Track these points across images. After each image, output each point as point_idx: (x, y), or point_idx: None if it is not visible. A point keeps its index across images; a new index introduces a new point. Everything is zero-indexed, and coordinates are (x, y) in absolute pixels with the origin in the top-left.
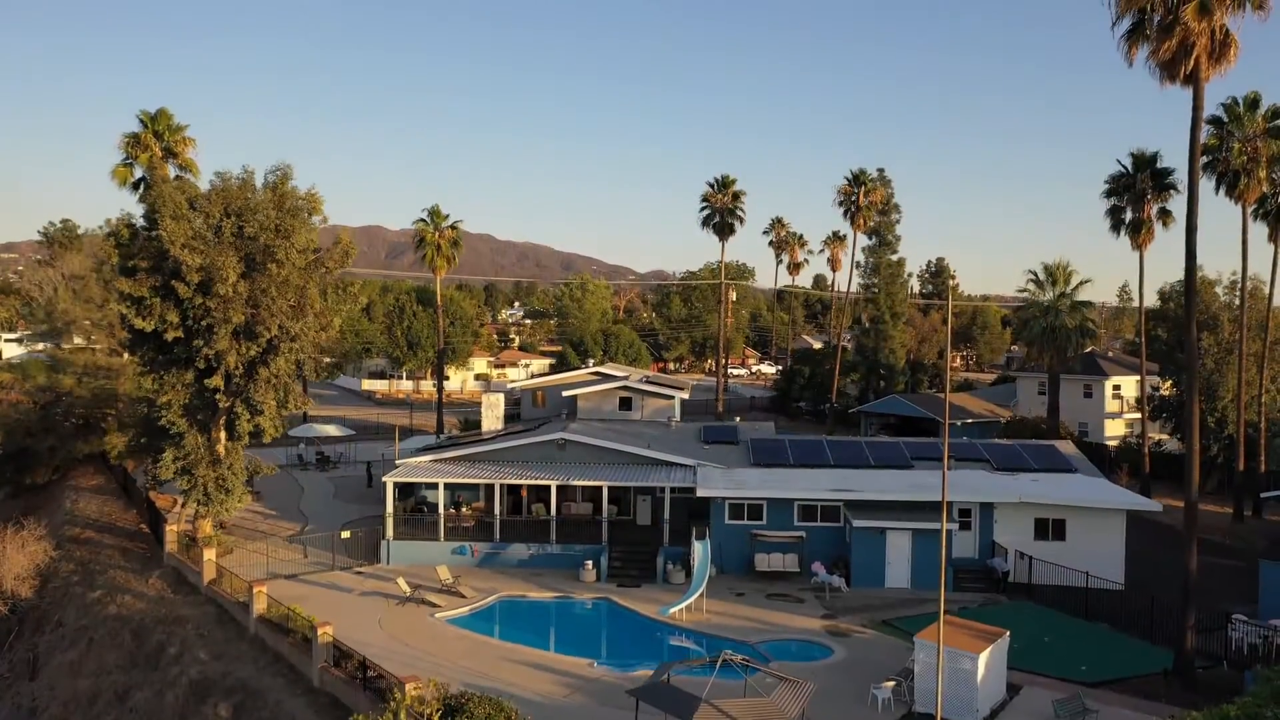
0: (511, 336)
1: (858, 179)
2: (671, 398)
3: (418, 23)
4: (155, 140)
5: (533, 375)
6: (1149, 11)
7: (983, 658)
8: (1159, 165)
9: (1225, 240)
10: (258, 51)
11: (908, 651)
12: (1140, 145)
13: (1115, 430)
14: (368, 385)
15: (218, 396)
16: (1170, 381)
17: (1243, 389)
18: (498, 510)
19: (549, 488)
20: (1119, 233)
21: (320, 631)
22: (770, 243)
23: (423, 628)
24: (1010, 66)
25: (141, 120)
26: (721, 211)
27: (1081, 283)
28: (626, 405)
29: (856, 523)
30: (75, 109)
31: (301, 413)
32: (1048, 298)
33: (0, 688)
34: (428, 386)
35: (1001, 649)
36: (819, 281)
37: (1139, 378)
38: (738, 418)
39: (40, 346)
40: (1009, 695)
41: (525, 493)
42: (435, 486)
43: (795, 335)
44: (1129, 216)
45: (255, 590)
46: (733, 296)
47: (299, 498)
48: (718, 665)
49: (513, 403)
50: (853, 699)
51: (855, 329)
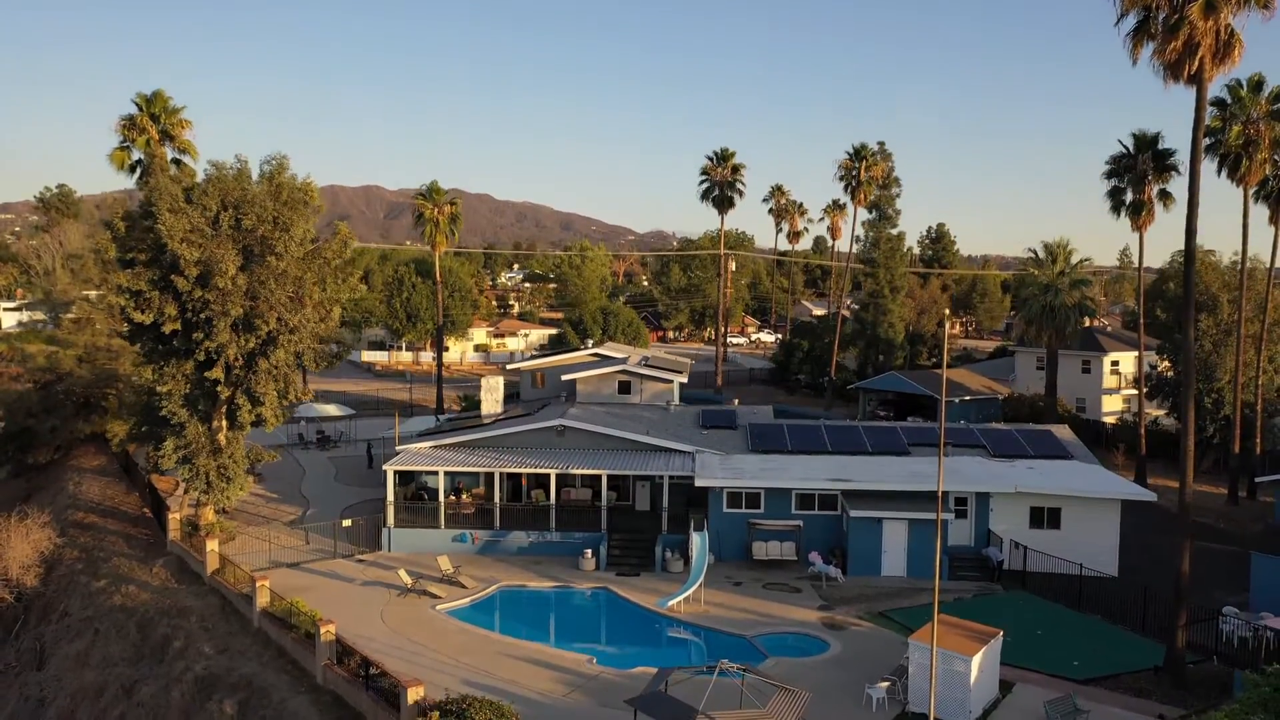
0: (511, 302)
1: (858, 153)
2: (670, 381)
3: None
4: (152, 123)
5: (531, 347)
6: (1154, 10)
7: (976, 660)
8: (1160, 146)
9: (1226, 223)
10: (253, 11)
11: (903, 645)
12: (1146, 105)
13: (1113, 405)
14: (367, 357)
15: (218, 388)
16: (1168, 361)
17: (1240, 372)
18: (497, 497)
19: (548, 476)
20: (1119, 214)
21: (324, 630)
22: (770, 210)
23: (424, 621)
24: (1015, 27)
25: (137, 103)
26: (721, 185)
27: (1081, 261)
28: (625, 389)
29: (853, 513)
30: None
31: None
32: (1047, 276)
33: (8, 677)
34: (427, 358)
35: (995, 649)
36: (819, 244)
37: (1137, 353)
38: (735, 401)
39: (40, 316)
40: (1002, 694)
41: (525, 480)
42: (435, 473)
43: (795, 301)
44: (1129, 198)
45: (258, 584)
46: (732, 266)
47: (300, 479)
48: (715, 674)
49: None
50: (848, 697)
51: (855, 294)
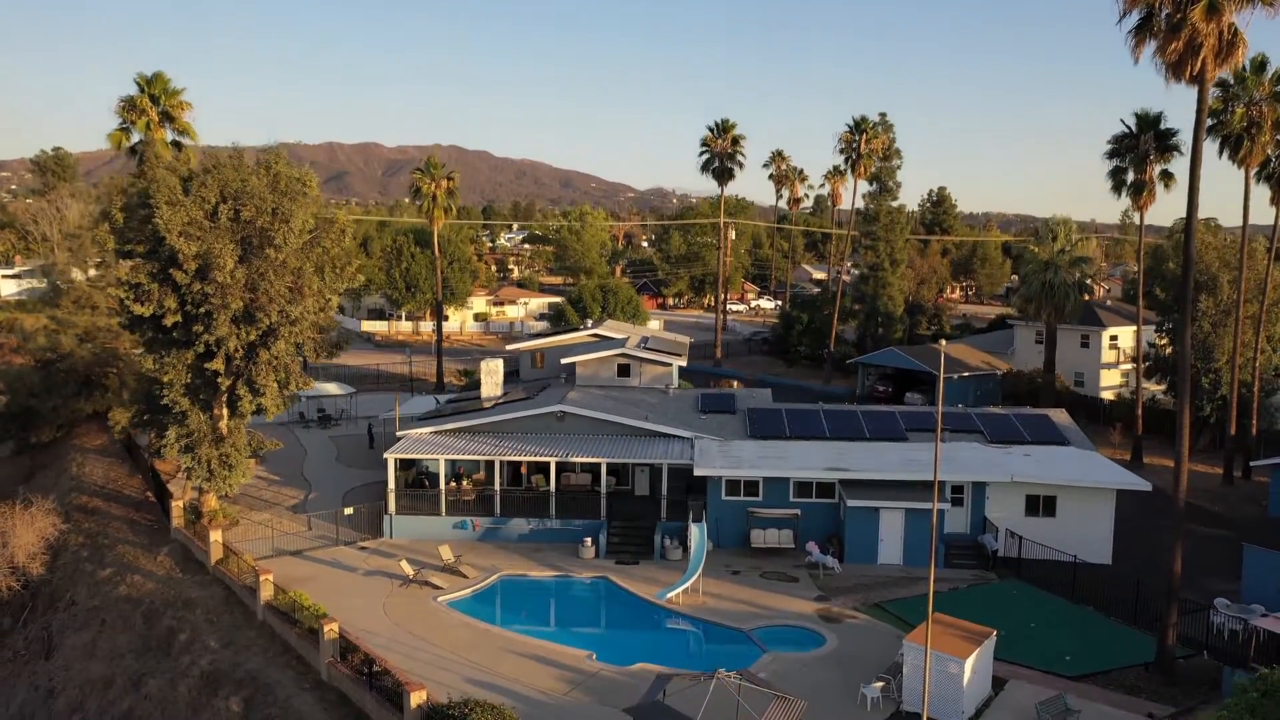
0: (510, 266)
1: (859, 126)
2: (669, 365)
3: None
4: (152, 104)
5: (531, 315)
6: (1156, 9)
7: (969, 662)
8: (1163, 126)
9: (1227, 192)
10: None
11: (898, 639)
12: (1148, 65)
13: (1111, 380)
14: (367, 326)
15: (219, 379)
16: (1166, 340)
17: (1238, 352)
18: (498, 483)
19: (548, 464)
20: (1120, 194)
21: (327, 629)
22: (770, 176)
23: (426, 613)
24: None
25: (138, 84)
26: (721, 156)
27: (1081, 239)
28: (625, 372)
29: (851, 502)
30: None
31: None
32: (1047, 253)
33: (17, 665)
34: (427, 328)
35: (988, 649)
36: (820, 204)
37: (1136, 328)
38: (735, 383)
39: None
40: (994, 691)
41: (525, 466)
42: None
43: (795, 265)
44: (1131, 178)
45: (262, 578)
46: (731, 235)
47: (302, 460)
48: (712, 685)
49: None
50: (843, 695)
51: (855, 257)
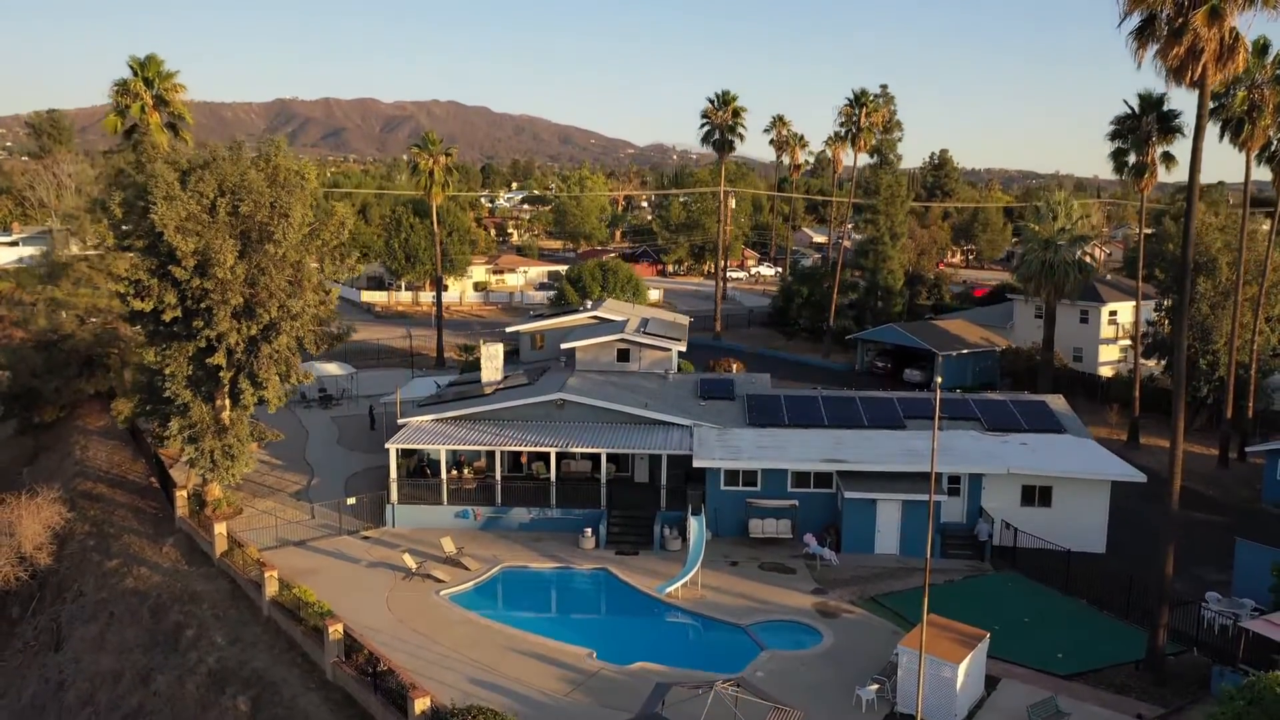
0: (510, 230)
1: (859, 99)
2: (668, 350)
3: None
4: (145, 88)
5: (531, 284)
6: (1158, 13)
7: (962, 666)
8: (1166, 108)
9: (1229, 164)
10: None
11: (893, 635)
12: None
13: (1109, 355)
14: (366, 297)
15: (220, 373)
16: (1164, 318)
17: (1236, 334)
18: (498, 472)
19: (548, 458)
20: (1122, 174)
21: (331, 630)
22: (771, 141)
23: (428, 609)
24: None
25: (131, 68)
26: (721, 128)
27: (1082, 217)
28: (624, 357)
29: (848, 494)
30: None
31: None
32: (1047, 231)
33: (28, 656)
34: (427, 298)
35: (981, 651)
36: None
37: (1135, 303)
38: (735, 364)
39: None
40: (987, 691)
41: (525, 457)
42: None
43: (795, 229)
44: (1132, 159)
45: (267, 575)
46: (731, 204)
47: (304, 443)
48: (710, 697)
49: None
50: (839, 696)
51: (855, 219)
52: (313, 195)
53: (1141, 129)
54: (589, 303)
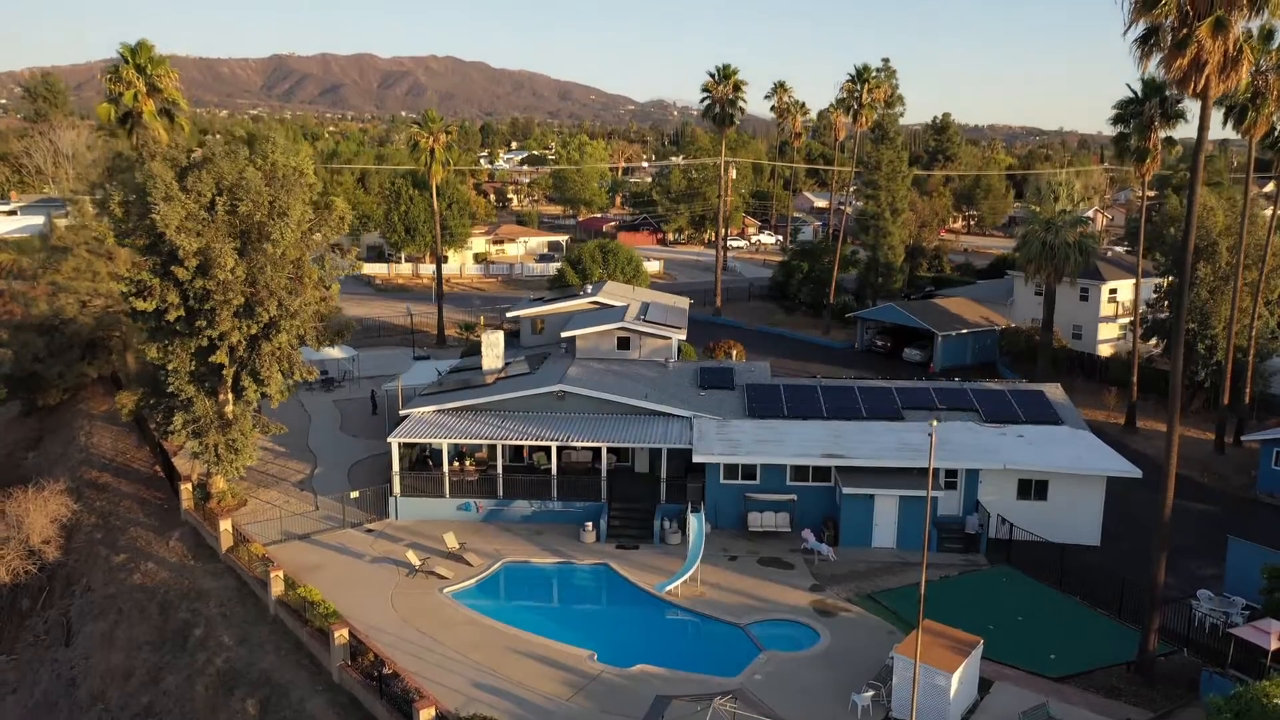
0: (510, 195)
1: (861, 75)
2: (669, 338)
3: None
4: (138, 75)
5: (531, 255)
6: (1162, 23)
7: (956, 675)
8: (1169, 93)
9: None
10: None
11: (889, 635)
12: None
13: (1109, 333)
14: (366, 269)
15: (223, 371)
16: (1164, 299)
17: (1234, 319)
18: (500, 462)
19: (549, 448)
20: (1124, 160)
21: (337, 635)
22: (772, 108)
23: (432, 608)
24: None
25: (122, 54)
26: (721, 102)
27: (1082, 199)
28: (624, 345)
29: (846, 489)
30: None
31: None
32: (1047, 212)
33: (39, 650)
34: (427, 270)
35: (975, 658)
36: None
37: (1135, 281)
38: (736, 347)
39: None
40: (980, 695)
41: (526, 452)
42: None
43: (796, 193)
44: (1134, 144)
45: (272, 574)
46: (732, 175)
47: (307, 429)
48: (710, 714)
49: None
50: (835, 700)
51: (857, 182)
52: (312, 190)
53: (1144, 114)
54: (589, 286)
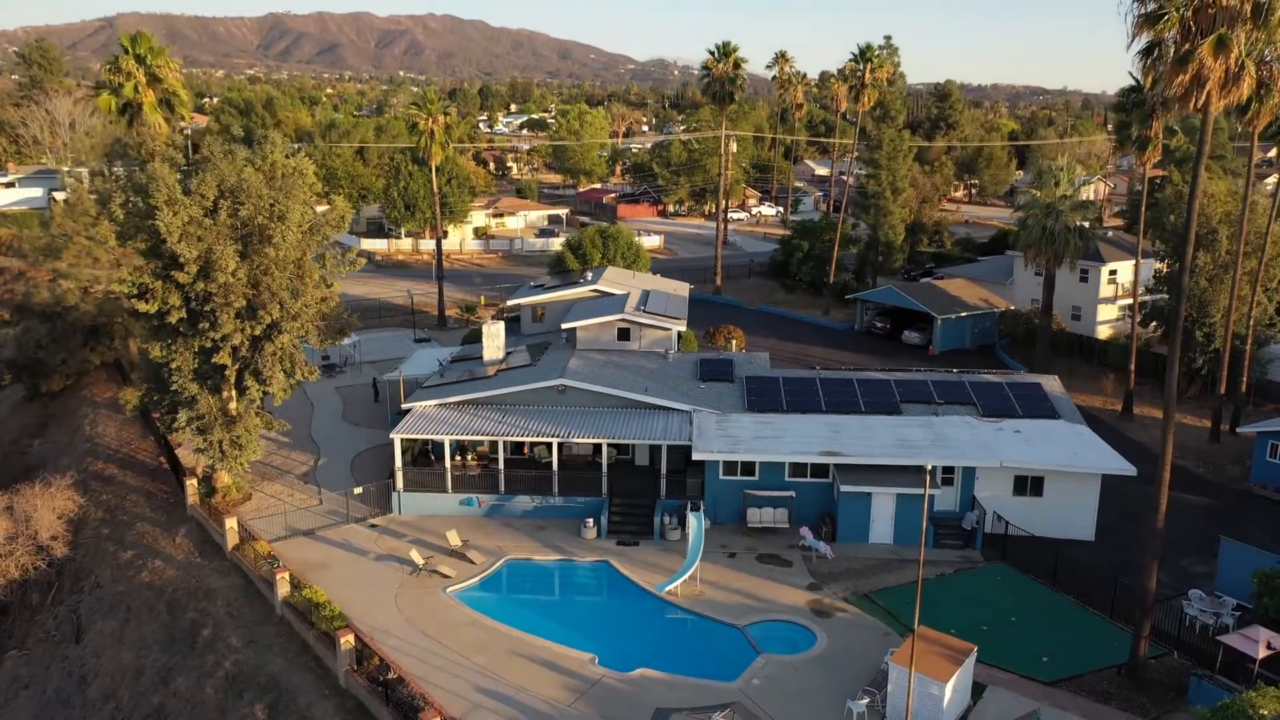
0: (509, 164)
1: (864, 54)
2: (669, 329)
3: None
4: (138, 66)
5: (532, 229)
6: (1164, 37)
7: (949, 684)
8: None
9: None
10: None
11: (886, 637)
12: None
13: (1108, 314)
14: (366, 245)
15: (225, 371)
16: (1165, 287)
17: (1233, 307)
18: (501, 455)
19: (550, 444)
20: (1125, 148)
21: (343, 641)
22: (774, 78)
23: (436, 609)
24: None
25: (123, 45)
26: (721, 80)
27: (1083, 184)
28: (625, 336)
29: (844, 487)
30: None
31: None
32: (1048, 197)
33: (49, 646)
34: (427, 246)
35: (968, 665)
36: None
37: (1134, 261)
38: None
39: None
40: (974, 700)
41: (527, 447)
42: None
43: (797, 161)
44: (1135, 133)
45: (278, 576)
46: (733, 148)
47: (309, 417)
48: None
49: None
50: (831, 705)
51: (861, 148)
52: (312, 190)
53: (1147, 102)
54: (589, 273)
